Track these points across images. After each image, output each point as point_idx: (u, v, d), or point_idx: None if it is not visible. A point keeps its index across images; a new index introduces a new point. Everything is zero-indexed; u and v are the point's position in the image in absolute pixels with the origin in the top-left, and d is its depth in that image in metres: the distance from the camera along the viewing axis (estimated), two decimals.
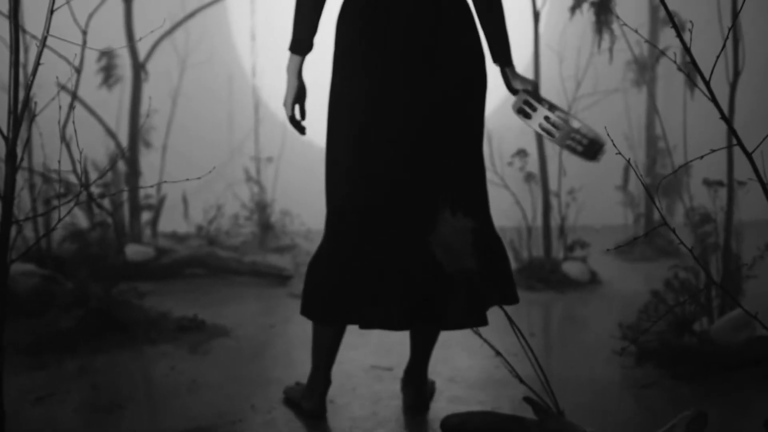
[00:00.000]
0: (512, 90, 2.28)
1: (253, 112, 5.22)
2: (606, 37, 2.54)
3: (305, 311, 2.25)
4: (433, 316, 2.15)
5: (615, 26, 2.68)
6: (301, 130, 2.27)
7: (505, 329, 1.98)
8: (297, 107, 2.26)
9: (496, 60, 2.26)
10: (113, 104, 4.54)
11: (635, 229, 4.81)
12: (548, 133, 2.17)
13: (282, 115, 2.45)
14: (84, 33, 2.76)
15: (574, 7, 2.56)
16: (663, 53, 2.52)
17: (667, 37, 2.90)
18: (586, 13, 2.61)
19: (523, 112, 2.20)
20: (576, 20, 3.52)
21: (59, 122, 3.13)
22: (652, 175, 4.71)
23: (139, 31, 4.41)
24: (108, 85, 4.45)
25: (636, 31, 1.97)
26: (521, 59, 5.34)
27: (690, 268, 2.81)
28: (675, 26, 1.66)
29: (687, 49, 1.65)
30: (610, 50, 2.55)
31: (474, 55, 2.19)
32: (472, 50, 2.19)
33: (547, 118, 2.17)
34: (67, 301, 3.23)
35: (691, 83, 2.66)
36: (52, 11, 1.74)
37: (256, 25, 5.19)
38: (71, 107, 3.21)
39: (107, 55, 4.39)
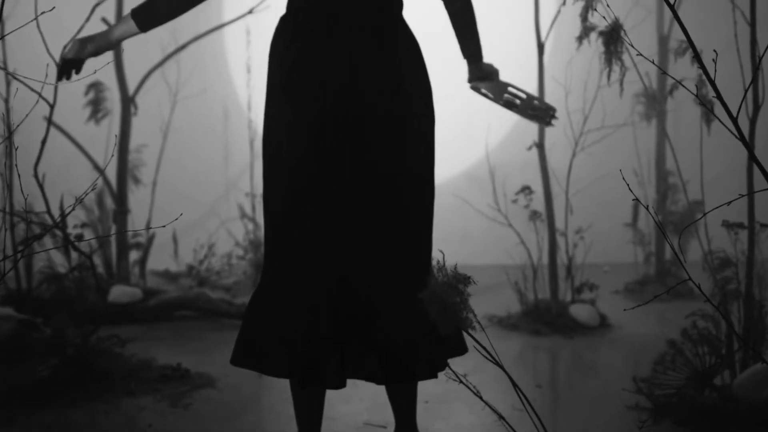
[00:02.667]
0: (478, 79, 2.34)
1: (248, 146, 5.04)
2: (616, 68, 2.35)
3: (232, 358, 2.13)
4: (376, 371, 1.99)
5: (625, 57, 2.49)
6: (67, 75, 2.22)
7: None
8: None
9: (466, 54, 2.29)
10: (101, 139, 4.37)
11: (646, 268, 4.60)
12: (513, 105, 2.36)
13: None
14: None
15: (581, 37, 2.39)
16: (682, 85, 2.34)
17: (679, 69, 2.73)
18: (594, 43, 2.43)
19: (510, 103, 2.36)
20: (582, 51, 3.36)
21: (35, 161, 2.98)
22: (663, 211, 4.50)
23: (129, 64, 4.26)
24: (96, 120, 4.28)
25: (653, 62, 1.78)
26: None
27: (709, 317, 2.60)
28: (697, 57, 1.47)
29: (711, 82, 1.46)
30: (621, 83, 2.37)
31: (418, 94, 2.09)
32: (417, 89, 2.09)
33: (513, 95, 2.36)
34: (43, 349, 3.03)
35: (709, 117, 2.47)
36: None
37: (251, 56, 5.03)
38: (43, 143, 3.05)
39: (95, 87, 4.23)
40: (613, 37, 2.17)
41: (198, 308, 4.02)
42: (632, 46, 1.56)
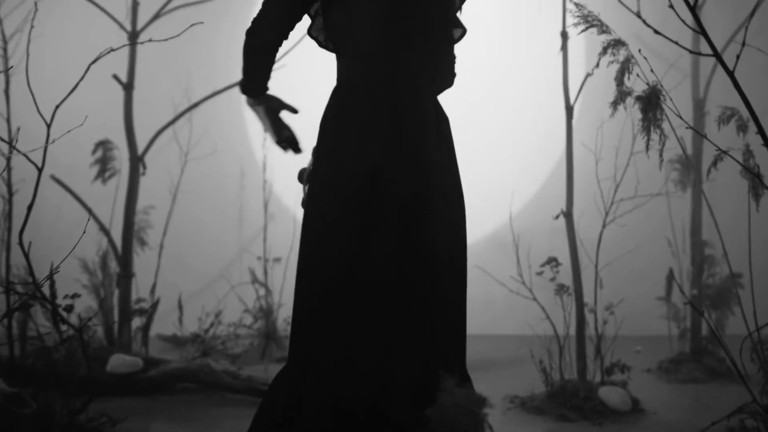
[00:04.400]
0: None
1: (263, 208, 4.85)
2: (654, 136, 2.13)
3: None
4: None
5: (664, 124, 2.27)
6: (295, 147, 2.22)
7: None
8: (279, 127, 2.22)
9: None
10: (108, 199, 4.21)
11: (681, 345, 4.29)
12: None
13: (294, 211, 2.30)
14: (48, 126, 2.41)
15: (616, 102, 2.17)
16: (730, 156, 2.10)
17: (715, 134, 2.52)
18: (627, 107, 2.21)
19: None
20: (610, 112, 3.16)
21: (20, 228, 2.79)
22: (699, 285, 4.22)
23: (139, 122, 4.11)
24: (103, 179, 4.11)
25: (703, 135, 1.55)
26: (551, 157, 5.01)
27: (758, 414, 2.32)
28: (761, 131, 1.24)
29: None
30: (661, 153, 2.14)
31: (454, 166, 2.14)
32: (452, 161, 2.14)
33: None
34: (29, 427, 2.81)
35: (758, 191, 2.23)
36: None
37: None
38: (29, 209, 2.86)
39: (103, 146, 4.08)
40: (651, 103, 1.95)
41: (200, 381, 3.77)
42: (679, 116, 1.34)
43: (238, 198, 5.02)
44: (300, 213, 2.32)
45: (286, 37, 2.20)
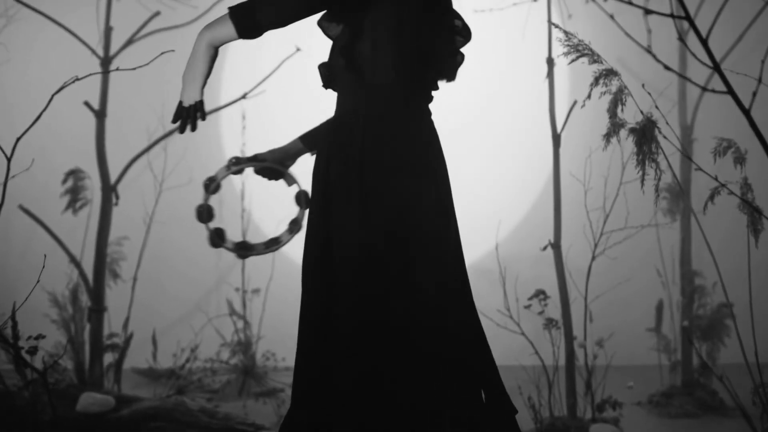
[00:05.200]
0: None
1: (241, 237, 4.70)
2: (650, 170, 2.02)
3: None
4: None
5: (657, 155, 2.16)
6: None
7: None
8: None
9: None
10: (80, 229, 4.06)
11: (672, 378, 4.18)
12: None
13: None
14: (8, 159, 2.27)
15: (609, 135, 2.06)
16: (729, 189, 2.00)
17: (703, 163, 2.42)
18: (623, 140, 2.10)
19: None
20: (599, 141, 3.06)
21: None
22: (690, 315, 4.11)
23: (111, 150, 3.97)
24: (74, 210, 3.96)
25: (703, 170, 1.45)
26: (536, 186, 4.91)
27: None
28: None
29: None
30: (657, 188, 2.04)
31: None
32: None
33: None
34: None
35: (756, 226, 2.13)
36: None
37: (246, 142, 4.74)
38: None
39: (74, 175, 3.93)
40: (646, 136, 1.85)
41: (175, 420, 3.60)
42: (689, 157, 1.23)
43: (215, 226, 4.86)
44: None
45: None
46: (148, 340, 4.23)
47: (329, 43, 2.08)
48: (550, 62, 3.45)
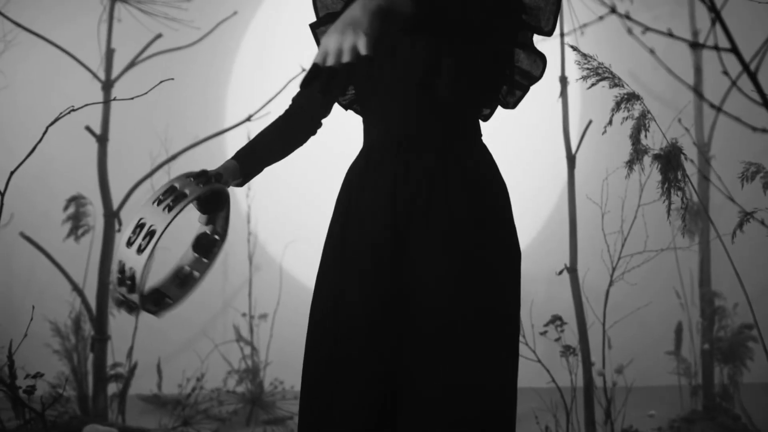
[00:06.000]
0: None
1: (247, 262, 4.60)
2: (676, 196, 1.91)
3: None
4: None
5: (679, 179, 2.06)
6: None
7: None
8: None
9: None
10: (82, 256, 3.96)
11: (693, 402, 4.05)
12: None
13: (280, 261, 2.06)
14: (2, 194, 2.18)
15: (632, 162, 1.96)
16: (755, 218, 1.89)
17: (725, 176, 2.32)
18: (648, 168, 1.99)
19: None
20: (619, 162, 2.95)
21: None
22: (710, 338, 3.98)
23: (114, 175, 3.88)
24: (76, 236, 3.87)
25: (732, 199, 1.34)
26: (548, 206, 4.79)
27: None
28: None
29: None
30: (684, 218, 1.92)
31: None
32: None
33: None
34: None
35: None
36: None
37: None
38: None
39: (75, 201, 3.84)
40: (672, 163, 1.74)
41: None
42: (729, 198, 1.12)
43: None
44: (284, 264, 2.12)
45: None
46: (153, 367, 4.13)
47: None
48: (564, 80, 3.35)
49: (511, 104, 1.86)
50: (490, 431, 1.70)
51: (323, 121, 2.04)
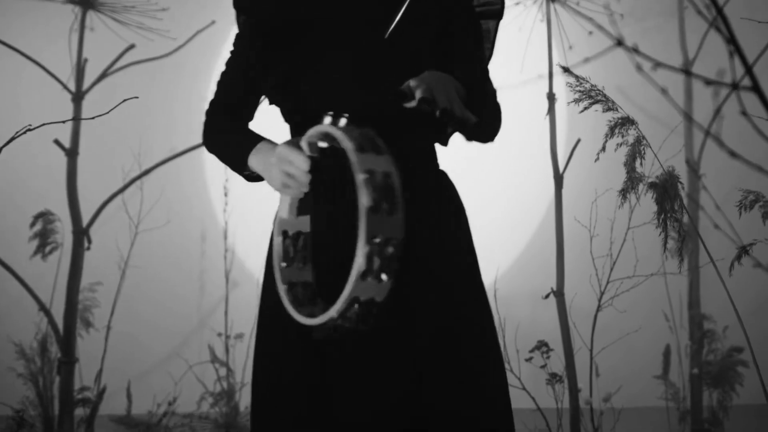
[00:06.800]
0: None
1: (224, 279, 4.45)
2: (671, 228, 1.80)
3: None
4: None
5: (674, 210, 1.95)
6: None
7: None
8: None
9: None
10: (50, 275, 3.81)
11: (681, 428, 3.94)
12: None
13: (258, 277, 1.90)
14: None
15: (625, 191, 1.85)
16: (748, 254, 1.78)
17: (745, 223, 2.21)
18: (643, 198, 1.88)
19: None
20: (608, 184, 2.85)
21: None
22: (699, 363, 3.88)
23: (83, 191, 3.74)
24: (43, 255, 3.72)
25: (734, 240, 1.23)
26: (531, 227, 4.67)
27: None
28: None
29: None
30: (680, 251, 1.81)
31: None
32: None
33: None
34: None
35: None
36: None
37: (230, 177, 4.49)
38: None
39: (43, 218, 3.70)
40: (668, 193, 1.62)
41: None
42: (733, 240, 1.01)
43: (197, 267, 4.62)
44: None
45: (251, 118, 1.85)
46: (123, 390, 3.98)
47: None
48: (551, 98, 3.23)
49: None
50: None
51: None
